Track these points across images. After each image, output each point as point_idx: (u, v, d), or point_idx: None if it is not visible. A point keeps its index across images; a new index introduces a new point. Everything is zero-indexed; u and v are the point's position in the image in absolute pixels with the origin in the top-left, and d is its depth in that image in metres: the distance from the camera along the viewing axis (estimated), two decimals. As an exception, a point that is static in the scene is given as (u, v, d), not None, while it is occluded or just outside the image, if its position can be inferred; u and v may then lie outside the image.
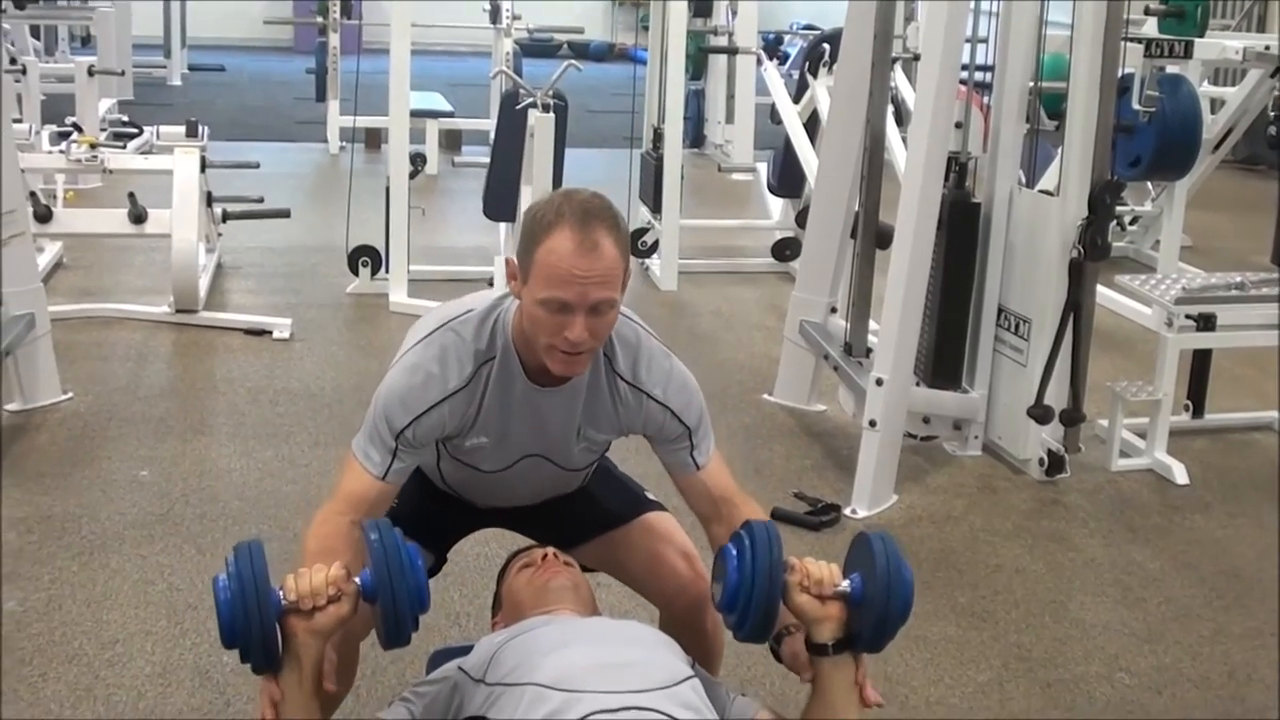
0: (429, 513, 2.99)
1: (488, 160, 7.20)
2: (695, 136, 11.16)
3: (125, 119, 9.89)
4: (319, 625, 2.32)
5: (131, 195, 6.72)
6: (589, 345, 2.51)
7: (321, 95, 11.79)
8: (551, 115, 6.13)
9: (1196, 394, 5.58)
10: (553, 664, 2.33)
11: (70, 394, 5.50)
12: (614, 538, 3.05)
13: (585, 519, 3.05)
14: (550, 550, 2.81)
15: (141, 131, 8.62)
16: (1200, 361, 5.53)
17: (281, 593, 2.31)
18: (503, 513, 3.11)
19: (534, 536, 3.11)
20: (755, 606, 2.42)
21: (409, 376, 2.65)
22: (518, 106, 6.24)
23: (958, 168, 5.12)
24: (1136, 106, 5.85)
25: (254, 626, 2.26)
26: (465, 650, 2.58)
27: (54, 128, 7.81)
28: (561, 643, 2.41)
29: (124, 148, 7.86)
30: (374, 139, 11.00)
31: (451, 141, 11.64)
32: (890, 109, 5.83)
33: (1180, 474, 5.10)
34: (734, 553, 2.46)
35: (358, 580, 2.35)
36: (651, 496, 3.08)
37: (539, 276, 2.47)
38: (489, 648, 2.46)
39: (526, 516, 3.12)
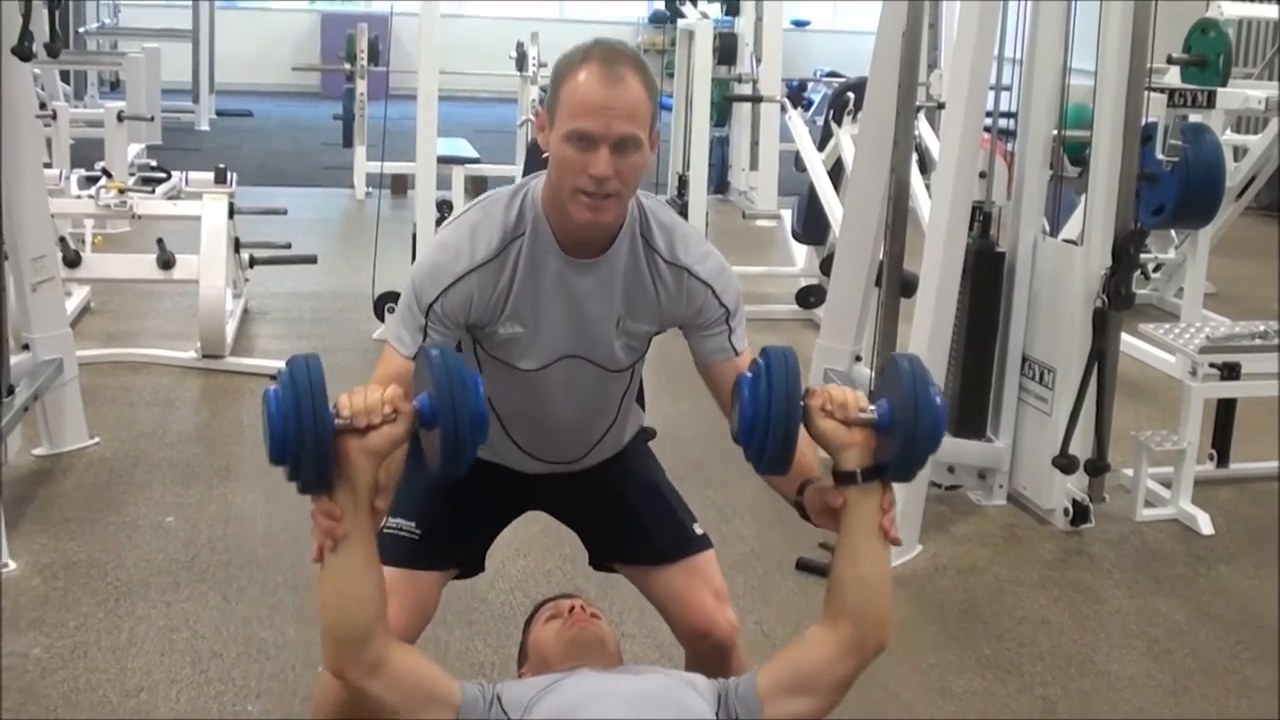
0: (466, 510, 2.94)
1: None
2: (719, 183, 11.22)
3: (154, 164, 9.92)
4: (373, 444, 2.26)
5: (160, 241, 6.76)
6: (614, 187, 2.49)
7: (349, 141, 11.85)
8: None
9: (1221, 443, 5.56)
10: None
11: (97, 439, 5.53)
12: (652, 571, 3.01)
13: (630, 543, 3.02)
14: (578, 602, 2.80)
15: (170, 176, 8.65)
16: (1225, 410, 5.52)
17: (334, 410, 2.24)
18: (545, 489, 3.05)
19: (580, 534, 3.12)
20: (774, 432, 2.32)
21: (437, 252, 2.65)
22: (543, 155, 6.27)
23: (982, 216, 5.14)
24: (1160, 156, 5.84)
25: (308, 437, 2.17)
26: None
27: (83, 172, 7.85)
28: (596, 698, 2.39)
29: (153, 193, 7.89)
30: (400, 185, 11.05)
31: (478, 187, 11.62)
32: (914, 157, 5.85)
33: (1205, 524, 5.09)
34: (749, 378, 2.37)
35: (415, 403, 2.29)
36: (698, 530, 3.03)
37: (564, 112, 2.47)
38: (525, 691, 2.43)
39: (571, 508, 3.10)
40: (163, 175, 8.65)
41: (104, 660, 3.84)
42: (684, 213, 7.74)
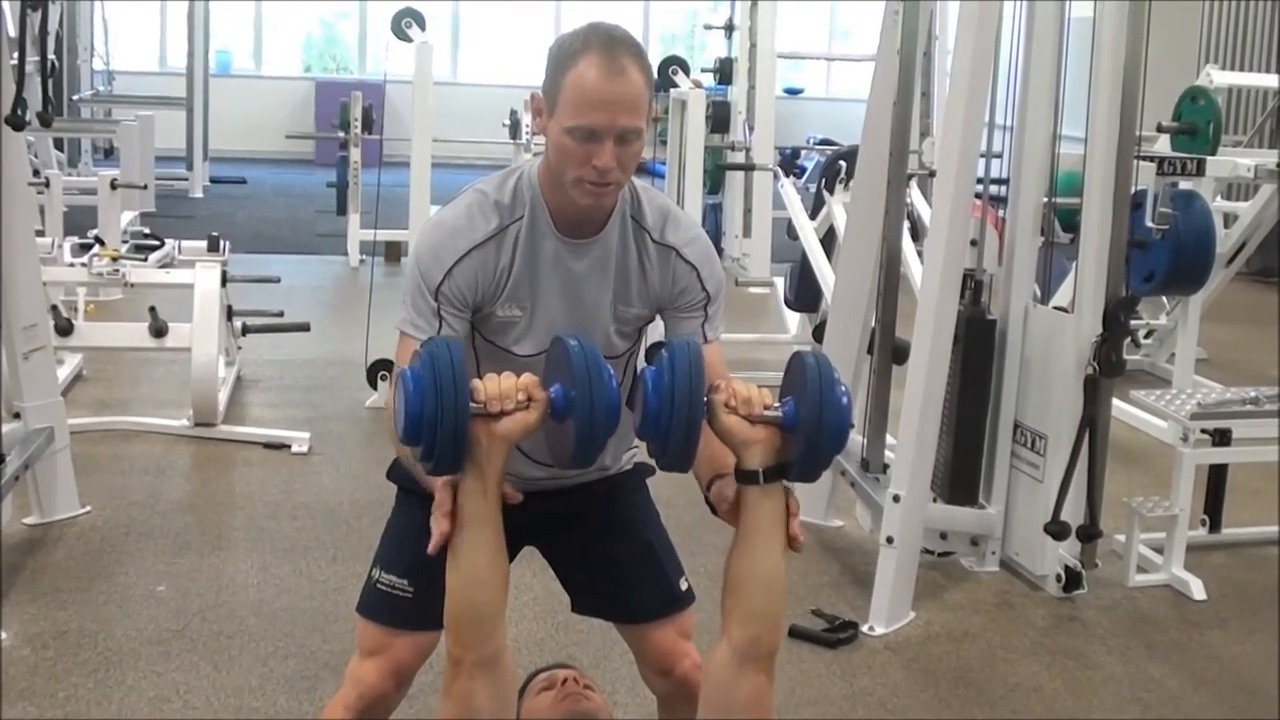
0: None
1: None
2: (712, 249, 11.23)
3: (147, 231, 9.96)
4: (505, 430, 2.27)
5: (153, 309, 6.77)
6: (616, 176, 2.53)
7: (342, 209, 11.87)
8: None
9: (1213, 509, 5.56)
10: None
11: (88, 508, 5.50)
12: (632, 629, 3.03)
13: (614, 603, 3.03)
14: (572, 674, 2.80)
15: (163, 244, 8.68)
16: (1216, 476, 5.52)
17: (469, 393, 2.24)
18: (541, 525, 3.00)
19: (563, 581, 3.11)
20: (676, 426, 2.29)
21: (436, 233, 2.67)
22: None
23: (973, 284, 5.16)
24: (1150, 224, 5.89)
25: (446, 417, 2.18)
26: None
27: (76, 240, 7.87)
28: None
29: (145, 260, 7.91)
30: (394, 252, 11.08)
31: (470, 255, 11.71)
32: (906, 225, 5.88)
33: (1198, 589, 5.08)
34: (653, 370, 2.34)
35: (550, 391, 2.30)
36: (684, 585, 3.02)
37: (567, 104, 2.49)
38: None
39: (558, 549, 3.09)
40: (156, 243, 8.67)
41: (94, 731, 3.83)
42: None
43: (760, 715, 2.40)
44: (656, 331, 3.04)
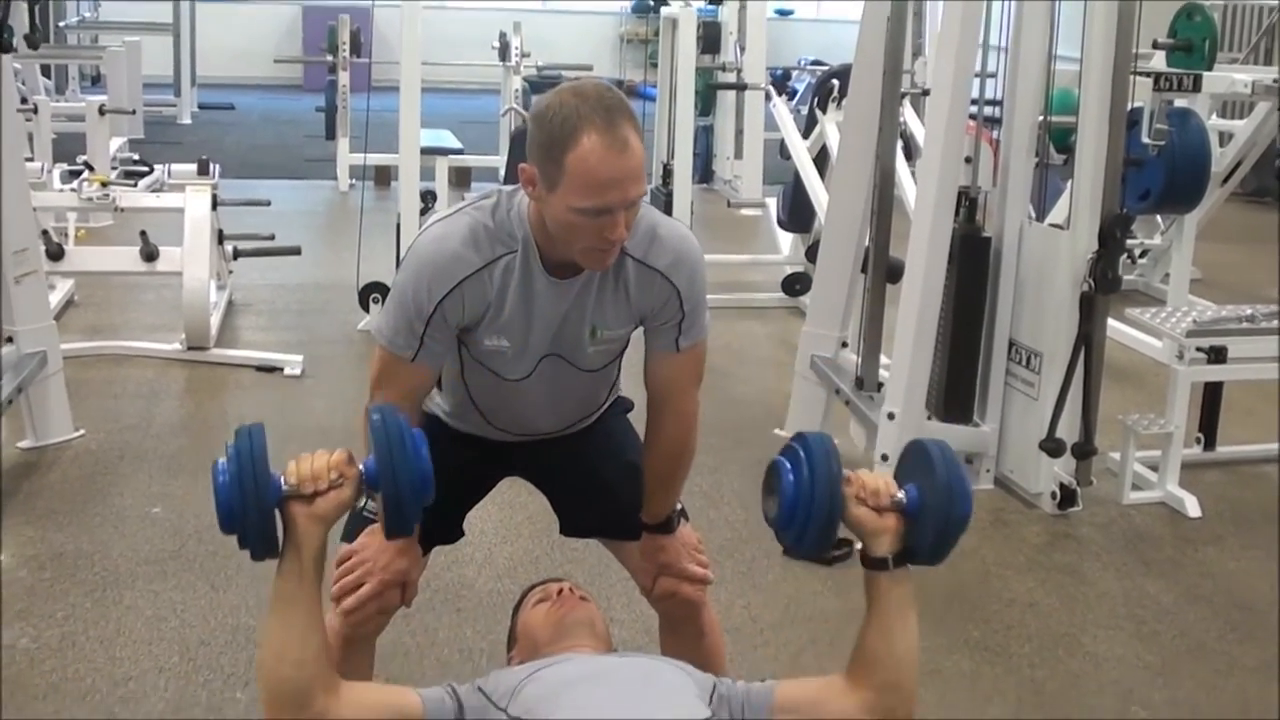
0: (443, 481, 2.98)
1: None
2: (704, 172, 11.23)
3: (136, 158, 9.92)
4: (320, 511, 2.29)
5: (143, 234, 6.74)
6: (625, 237, 2.52)
7: (331, 133, 11.83)
8: (561, 152, 6.14)
9: (1208, 427, 5.57)
10: (575, 702, 2.32)
11: (82, 431, 5.51)
12: (626, 546, 3.05)
13: (603, 520, 3.06)
14: (566, 585, 2.81)
15: (152, 170, 8.65)
16: (1211, 394, 5.53)
17: (282, 478, 2.27)
18: (521, 455, 3.06)
19: (552, 503, 3.15)
20: (814, 521, 2.37)
21: (432, 255, 2.62)
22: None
23: (968, 202, 5.13)
24: (1146, 140, 5.85)
25: (251, 508, 2.22)
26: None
27: (65, 166, 7.83)
28: (583, 681, 2.40)
29: (135, 186, 7.89)
30: (384, 176, 11.03)
31: (461, 179, 11.63)
32: (900, 144, 5.85)
33: (1193, 507, 5.09)
34: (788, 466, 2.41)
35: (361, 466, 2.31)
36: (677, 506, 3.03)
37: (574, 185, 2.43)
38: (511, 678, 2.44)
39: (545, 476, 3.12)
40: (145, 169, 8.64)
41: (92, 650, 3.83)
42: (669, 202, 7.72)
43: None
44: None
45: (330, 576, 2.65)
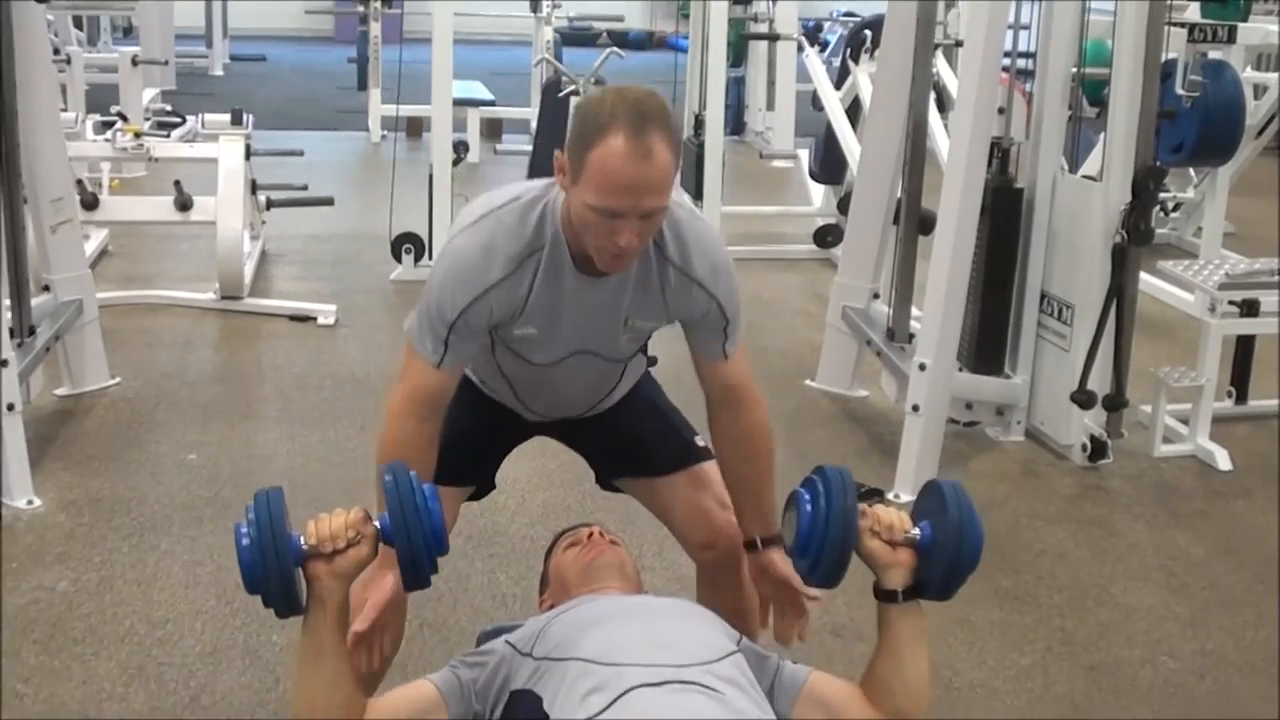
0: (476, 434, 2.99)
1: (528, 149, 7.22)
2: (735, 124, 11.20)
3: (169, 109, 9.96)
4: (340, 568, 2.33)
5: (177, 183, 6.78)
6: (637, 248, 2.51)
7: (363, 84, 11.85)
8: (594, 102, 6.14)
9: (1239, 380, 5.57)
10: (598, 640, 2.35)
11: (118, 379, 5.56)
12: (659, 483, 3.05)
13: (634, 459, 3.07)
14: (596, 529, 2.84)
15: (185, 121, 8.67)
16: (1243, 347, 5.51)
17: (302, 539, 2.32)
18: (551, 424, 3.10)
19: (581, 450, 3.17)
20: (828, 552, 2.42)
21: (456, 264, 2.62)
22: (560, 94, 6.28)
23: (1000, 153, 5.12)
24: (1180, 92, 5.82)
25: (273, 571, 2.27)
26: (514, 627, 2.61)
27: (98, 117, 7.86)
28: (607, 619, 2.43)
29: (167, 137, 7.92)
30: (415, 127, 11.03)
31: (492, 130, 11.67)
32: (932, 96, 5.83)
33: (1223, 460, 5.10)
34: (807, 497, 2.46)
35: (377, 523, 2.36)
36: (700, 442, 3.05)
37: (591, 182, 2.43)
38: (537, 624, 2.49)
39: (575, 436, 3.14)
40: (177, 120, 8.67)
41: (130, 593, 3.88)
42: (700, 154, 7.72)
43: None
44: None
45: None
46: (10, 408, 4.42)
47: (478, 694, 2.45)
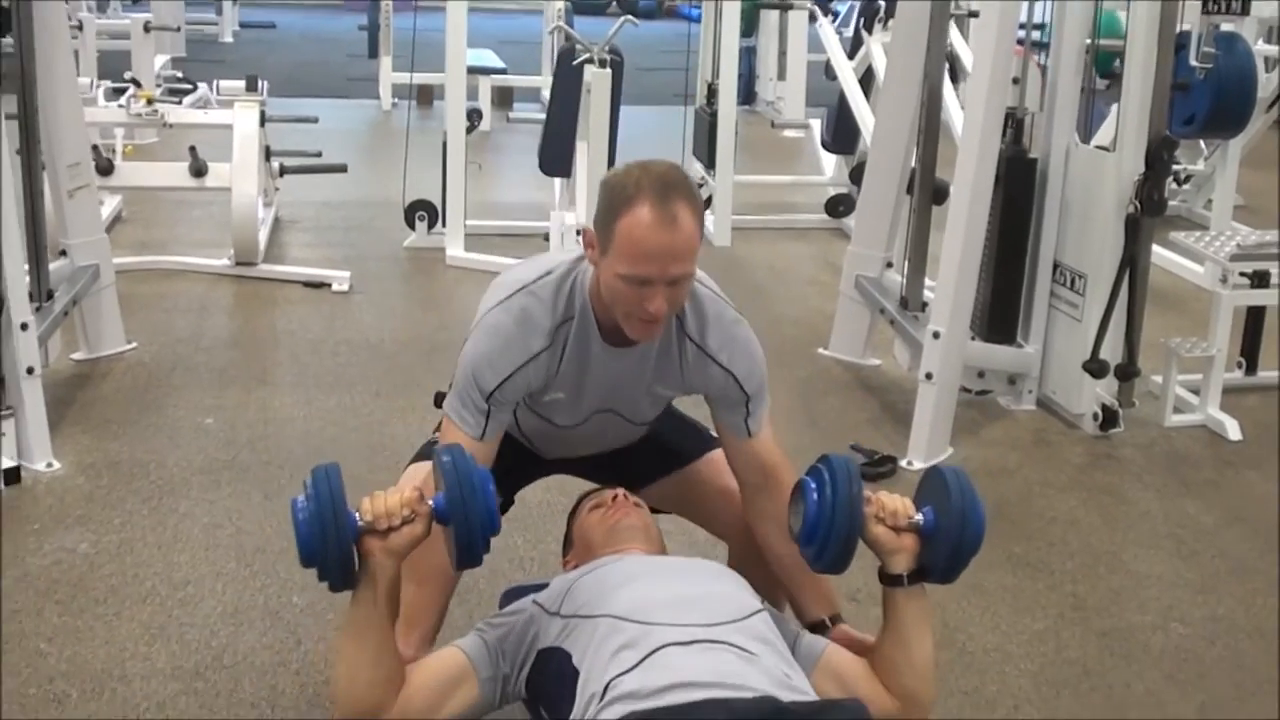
0: (500, 457, 3.04)
1: (541, 117, 7.24)
2: (746, 94, 11.20)
3: (180, 75, 9.97)
4: (394, 545, 2.38)
5: (193, 149, 6.80)
6: (667, 315, 2.57)
7: (374, 51, 11.86)
8: (608, 71, 6.16)
9: (1250, 351, 5.59)
10: (627, 597, 2.39)
11: (134, 344, 5.59)
12: (682, 475, 3.12)
13: (653, 460, 3.12)
14: (620, 491, 2.87)
15: (196, 87, 8.68)
16: (1254, 318, 5.54)
17: (358, 514, 2.36)
18: (570, 462, 3.17)
19: (602, 481, 3.17)
20: (835, 539, 2.47)
21: (492, 339, 2.70)
22: (574, 62, 6.28)
23: (1014, 124, 5.14)
24: (1193, 63, 5.83)
25: (331, 545, 2.31)
26: (539, 587, 2.64)
27: (110, 84, 7.87)
28: (635, 578, 2.48)
29: (179, 103, 7.93)
30: (426, 95, 11.05)
31: (503, 98, 11.68)
32: (945, 67, 5.84)
33: (1233, 430, 5.12)
34: (813, 486, 2.50)
35: (431, 502, 2.40)
36: (714, 433, 3.09)
37: (619, 252, 2.51)
38: (564, 583, 2.54)
39: (593, 464, 3.19)
40: (189, 86, 8.67)
41: (150, 555, 3.91)
42: (714, 123, 7.74)
43: None
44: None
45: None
46: (30, 371, 4.45)
47: (505, 653, 2.49)
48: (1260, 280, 5.27)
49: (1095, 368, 4.92)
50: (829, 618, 2.81)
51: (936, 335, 4.77)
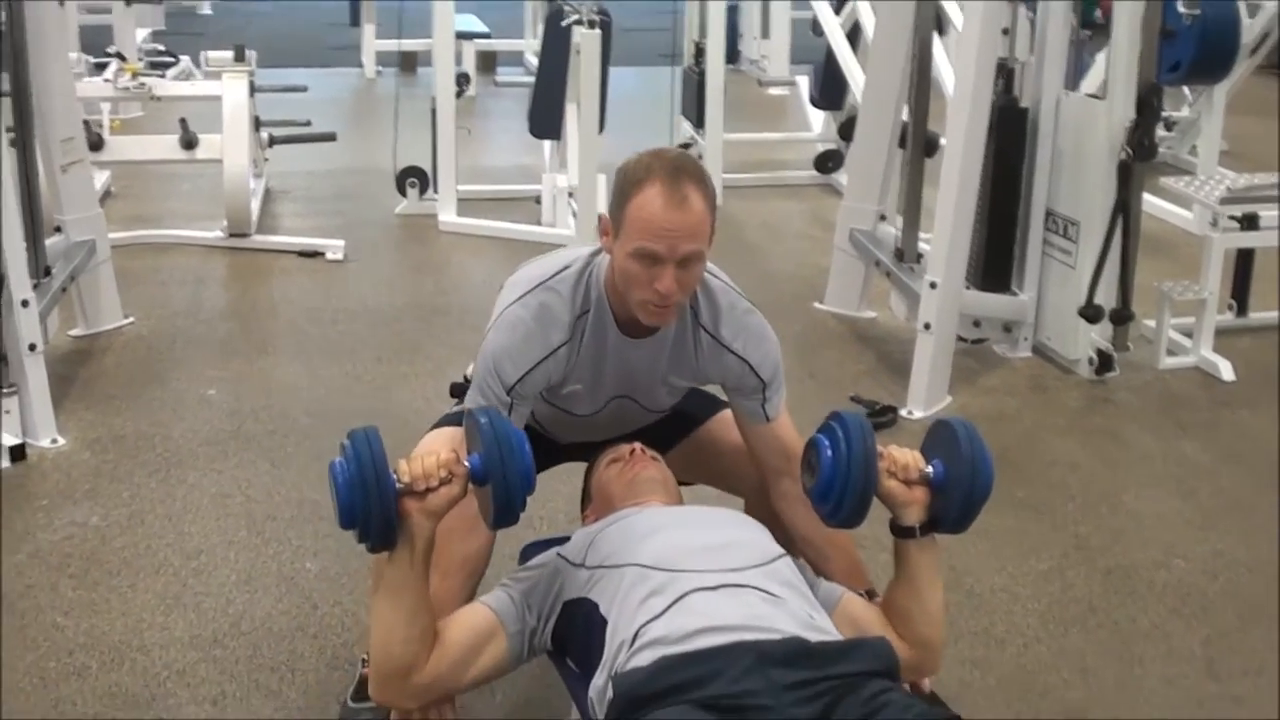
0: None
1: (528, 80, 7.23)
2: (730, 52, 11.15)
3: (161, 48, 9.94)
4: (432, 506, 2.40)
5: (183, 121, 6.78)
6: (678, 297, 2.60)
7: (356, 20, 11.81)
8: (598, 32, 6.16)
9: (1240, 293, 5.64)
10: (652, 546, 2.43)
11: (132, 318, 5.60)
12: (696, 437, 3.14)
13: (665, 428, 3.12)
14: (637, 445, 2.89)
15: (178, 60, 8.68)
16: (1244, 261, 5.58)
17: (395, 476, 2.38)
18: (586, 447, 3.17)
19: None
20: (850, 494, 2.49)
21: (512, 334, 2.72)
22: (563, 24, 6.29)
23: (1005, 73, 5.16)
24: (1181, 9, 5.86)
25: (374, 506, 2.33)
26: (560, 540, 2.68)
27: (91, 59, 7.85)
28: (659, 527, 2.51)
29: (163, 76, 7.91)
30: (410, 62, 11.02)
31: (487, 63, 11.66)
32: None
33: (1226, 371, 5.18)
34: (826, 442, 2.52)
35: (467, 464, 2.43)
36: (724, 396, 3.13)
37: (631, 230, 2.54)
38: (586, 536, 2.57)
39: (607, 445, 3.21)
40: (171, 59, 8.66)
41: (161, 526, 3.94)
42: (701, 82, 7.75)
43: None
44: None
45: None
46: (32, 348, 4.46)
47: (531, 607, 2.52)
48: (1250, 223, 5.31)
49: (1090, 313, 4.96)
50: (864, 593, 2.83)
51: (933, 285, 4.80)
